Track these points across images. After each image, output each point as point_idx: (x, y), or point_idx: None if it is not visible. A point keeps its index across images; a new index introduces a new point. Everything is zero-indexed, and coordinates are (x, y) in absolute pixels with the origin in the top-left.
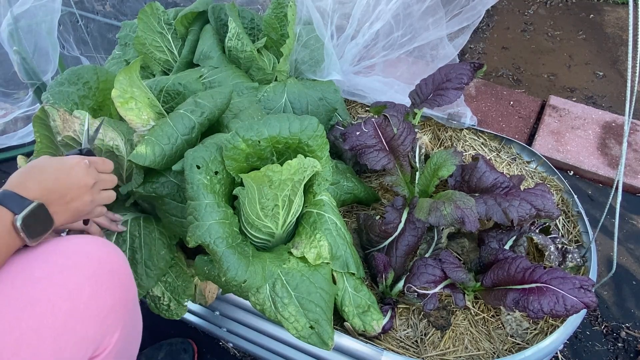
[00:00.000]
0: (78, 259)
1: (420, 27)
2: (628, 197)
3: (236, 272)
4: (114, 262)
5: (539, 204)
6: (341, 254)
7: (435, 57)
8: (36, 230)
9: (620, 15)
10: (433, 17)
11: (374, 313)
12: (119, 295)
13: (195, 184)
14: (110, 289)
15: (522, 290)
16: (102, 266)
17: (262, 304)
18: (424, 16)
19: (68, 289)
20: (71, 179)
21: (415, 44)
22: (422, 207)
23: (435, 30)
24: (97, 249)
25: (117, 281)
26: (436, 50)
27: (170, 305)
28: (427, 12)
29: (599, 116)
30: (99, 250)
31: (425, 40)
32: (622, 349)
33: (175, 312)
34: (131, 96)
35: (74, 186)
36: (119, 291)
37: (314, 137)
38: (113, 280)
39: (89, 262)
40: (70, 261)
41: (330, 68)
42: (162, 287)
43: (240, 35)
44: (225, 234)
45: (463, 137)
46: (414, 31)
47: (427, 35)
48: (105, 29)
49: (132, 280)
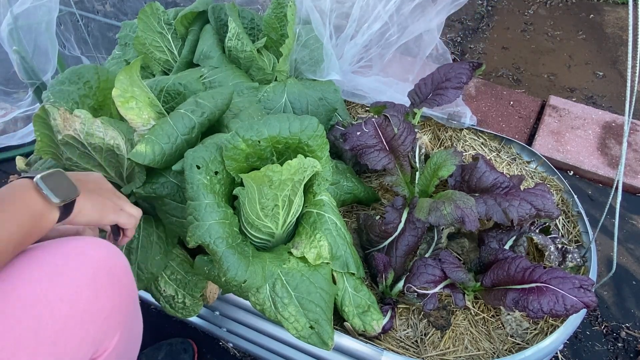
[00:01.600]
0: (78, 261)
1: (411, 21)
2: (628, 197)
3: (236, 272)
4: (114, 265)
5: (539, 204)
6: (341, 254)
7: (420, 47)
8: (60, 190)
9: (620, 15)
10: (423, 10)
11: (373, 313)
12: (119, 298)
13: (195, 184)
14: (110, 292)
15: (521, 290)
16: (102, 269)
17: (262, 304)
18: (414, 10)
19: (67, 292)
20: (93, 177)
21: (405, 38)
22: (422, 207)
23: (425, 23)
24: (98, 252)
25: (118, 284)
26: (420, 39)
27: (186, 302)
28: (417, 7)
29: (599, 116)
30: (100, 253)
31: (415, 33)
32: (622, 349)
33: (192, 308)
34: (132, 95)
35: (98, 182)
36: (119, 294)
37: (314, 137)
38: (113, 282)
39: (89, 264)
40: (71, 263)
41: (330, 68)
42: (174, 286)
43: (240, 35)
44: (225, 234)
45: (463, 137)
46: (406, 26)
47: (417, 28)
48: (105, 28)
49: (133, 282)
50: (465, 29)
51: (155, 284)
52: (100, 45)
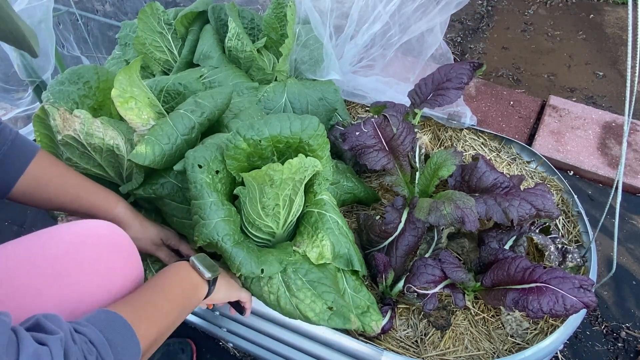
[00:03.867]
0: (91, 238)
1: (413, 21)
2: (628, 197)
3: (250, 265)
4: (124, 244)
5: (539, 204)
6: (344, 252)
7: (422, 48)
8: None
9: (620, 15)
10: (425, 10)
11: (373, 314)
12: (130, 273)
13: (199, 183)
14: (121, 266)
15: (521, 290)
16: (113, 244)
17: (276, 291)
18: (416, 10)
19: (83, 266)
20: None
21: (407, 37)
22: (422, 207)
23: (427, 22)
24: (106, 229)
25: (128, 261)
26: (422, 40)
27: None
28: (419, 7)
29: (599, 116)
30: (108, 229)
31: (416, 32)
32: (622, 349)
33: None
34: (131, 96)
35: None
36: (129, 269)
37: (315, 137)
38: (123, 256)
39: (101, 240)
40: (85, 239)
41: (330, 68)
42: None
43: (240, 35)
44: (232, 231)
45: (463, 137)
46: (408, 26)
47: (418, 27)
48: (105, 27)
49: (140, 261)
50: (465, 29)
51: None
52: (100, 45)
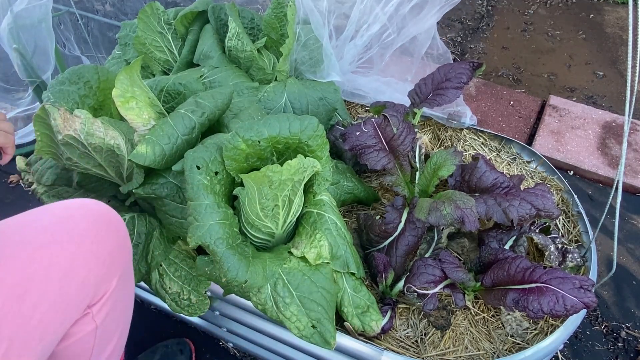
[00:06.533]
0: (82, 211)
1: (409, 21)
2: (628, 197)
3: (237, 273)
4: (111, 215)
5: (539, 204)
6: (341, 254)
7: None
8: None
9: (620, 15)
10: (420, 10)
11: (373, 314)
12: (117, 242)
13: (196, 184)
14: (109, 238)
15: (522, 290)
16: (102, 218)
17: (264, 303)
18: (412, 11)
19: (73, 234)
20: None
21: (402, 39)
22: (422, 207)
23: (421, 23)
24: (97, 205)
25: (115, 230)
26: (414, 39)
27: (192, 299)
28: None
29: (599, 116)
30: (99, 206)
31: (412, 34)
32: (622, 349)
33: (198, 306)
34: (132, 95)
35: None
36: (116, 241)
37: (314, 137)
38: (111, 230)
39: (91, 213)
40: (75, 212)
41: (330, 69)
42: (180, 283)
43: (240, 35)
44: (226, 235)
45: (463, 137)
46: (402, 27)
47: (413, 29)
48: (105, 27)
49: (127, 233)
50: (465, 29)
51: (160, 282)
52: (100, 45)
